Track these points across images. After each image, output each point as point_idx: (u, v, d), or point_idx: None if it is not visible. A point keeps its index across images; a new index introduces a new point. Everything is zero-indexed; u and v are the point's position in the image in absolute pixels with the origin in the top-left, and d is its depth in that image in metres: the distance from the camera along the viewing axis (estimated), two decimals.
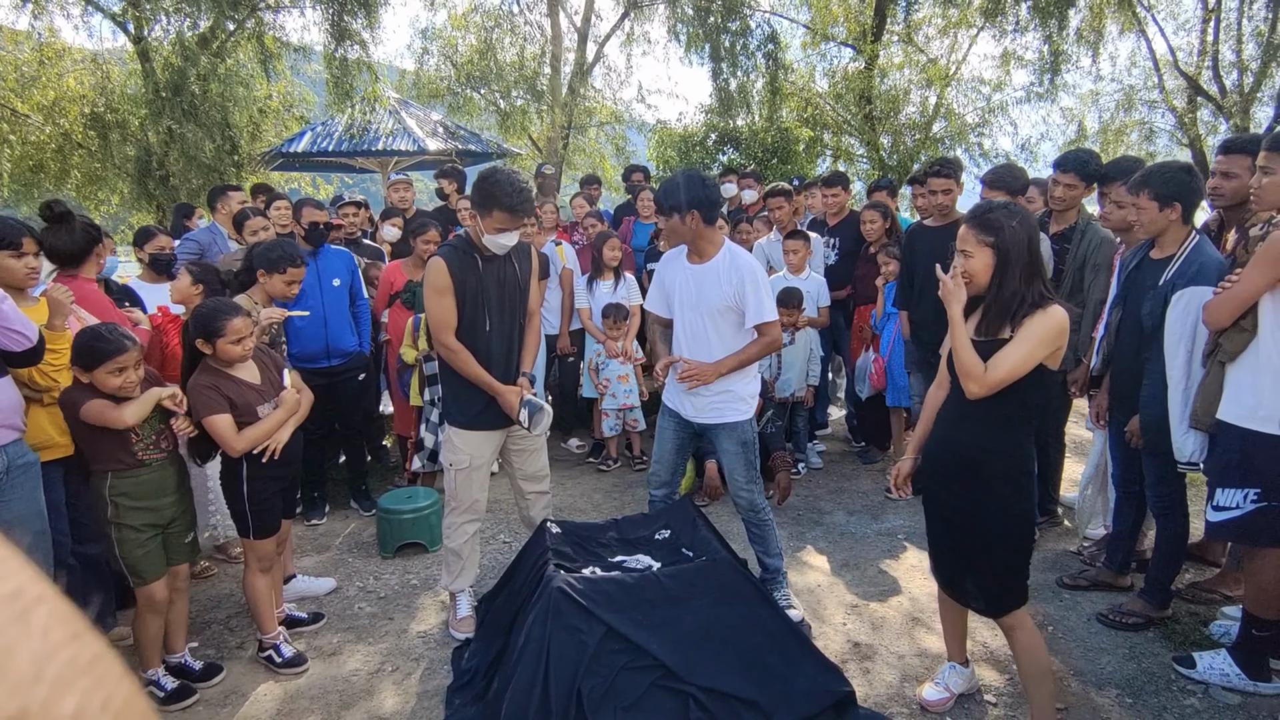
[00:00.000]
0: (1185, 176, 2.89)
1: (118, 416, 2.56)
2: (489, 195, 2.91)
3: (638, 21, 14.86)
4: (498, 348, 3.14)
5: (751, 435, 3.23)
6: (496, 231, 2.96)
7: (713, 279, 3.08)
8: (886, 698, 2.77)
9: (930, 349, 4.33)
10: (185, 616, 3.00)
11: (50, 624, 0.37)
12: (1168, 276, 2.91)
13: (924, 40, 14.76)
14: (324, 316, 4.25)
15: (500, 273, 3.11)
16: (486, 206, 2.93)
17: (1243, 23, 14.18)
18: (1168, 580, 3.17)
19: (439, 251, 3.07)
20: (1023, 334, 2.23)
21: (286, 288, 3.50)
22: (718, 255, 3.10)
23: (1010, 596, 2.40)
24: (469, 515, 3.25)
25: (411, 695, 2.86)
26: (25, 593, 0.38)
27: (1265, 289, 2.48)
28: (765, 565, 3.36)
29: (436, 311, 3.03)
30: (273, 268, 3.46)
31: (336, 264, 4.37)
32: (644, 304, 3.40)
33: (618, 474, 5.20)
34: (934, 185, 4.19)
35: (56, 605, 0.38)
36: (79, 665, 0.37)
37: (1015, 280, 2.26)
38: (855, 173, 14.74)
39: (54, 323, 2.83)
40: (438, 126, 12.86)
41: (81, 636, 0.38)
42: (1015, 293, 2.26)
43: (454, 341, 3.05)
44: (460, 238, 3.17)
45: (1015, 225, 2.26)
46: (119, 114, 12.71)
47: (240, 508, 2.94)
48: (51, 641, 0.36)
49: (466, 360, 3.06)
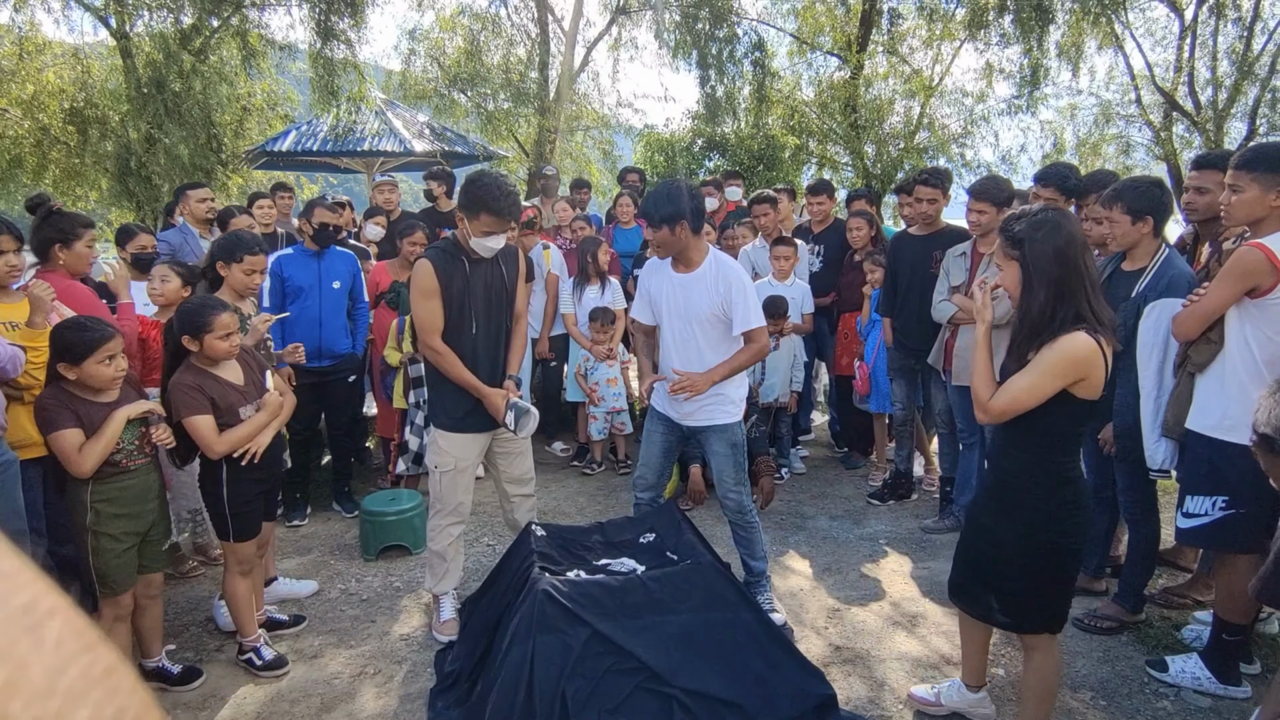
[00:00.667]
0: (1157, 191, 2.97)
1: (79, 463, 2.48)
2: (476, 198, 2.92)
3: (625, 27, 14.92)
4: (484, 350, 3.14)
5: (741, 437, 3.26)
6: (484, 234, 2.97)
7: (700, 288, 3.10)
8: (867, 700, 2.81)
9: (913, 356, 4.38)
10: (160, 623, 2.94)
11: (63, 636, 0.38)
12: (1140, 289, 2.98)
13: (908, 51, 14.93)
14: (319, 317, 4.25)
15: (487, 275, 3.12)
16: (474, 209, 2.93)
17: (1218, 40, 14.49)
18: (1141, 585, 3.24)
19: (426, 254, 3.07)
20: (1033, 362, 2.11)
21: (247, 278, 3.37)
22: (704, 263, 3.12)
23: (1032, 618, 2.32)
24: (454, 518, 3.25)
25: (394, 698, 2.85)
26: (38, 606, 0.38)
27: (1231, 302, 2.55)
28: (750, 568, 3.38)
29: (423, 314, 3.02)
30: (229, 257, 3.34)
31: (339, 266, 4.37)
32: (629, 312, 3.41)
33: (602, 477, 5.21)
34: (920, 194, 4.25)
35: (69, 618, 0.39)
36: (92, 677, 0.38)
37: (1041, 297, 2.08)
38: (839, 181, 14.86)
39: (35, 320, 2.80)
40: (424, 128, 12.81)
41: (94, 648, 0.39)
42: (1043, 311, 2.08)
43: (440, 344, 3.05)
44: (448, 240, 3.16)
45: (1040, 236, 2.09)
46: (99, 109, 12.55)
47: (220, 510, 2.89)
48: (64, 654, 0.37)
49: (453, 363, 3.05)
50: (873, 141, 14.21)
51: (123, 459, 2.62)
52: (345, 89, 12.33)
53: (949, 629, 3.27)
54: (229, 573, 2.96)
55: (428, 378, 3.32)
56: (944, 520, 4.28)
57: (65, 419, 2.49)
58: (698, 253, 3.13)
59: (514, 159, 14.98)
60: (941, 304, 3.99)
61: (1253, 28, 13.93)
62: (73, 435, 2.49)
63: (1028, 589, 2.28)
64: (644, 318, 3.33)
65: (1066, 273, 2.07)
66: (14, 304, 2.91)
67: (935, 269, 4.15)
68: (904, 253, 4.41)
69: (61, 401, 2.51)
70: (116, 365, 2.56)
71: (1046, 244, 2.08)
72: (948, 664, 3.02)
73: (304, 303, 4.21)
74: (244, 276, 3.36)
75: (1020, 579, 2.28)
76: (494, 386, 3.13)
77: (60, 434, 2.47)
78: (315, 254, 4.29)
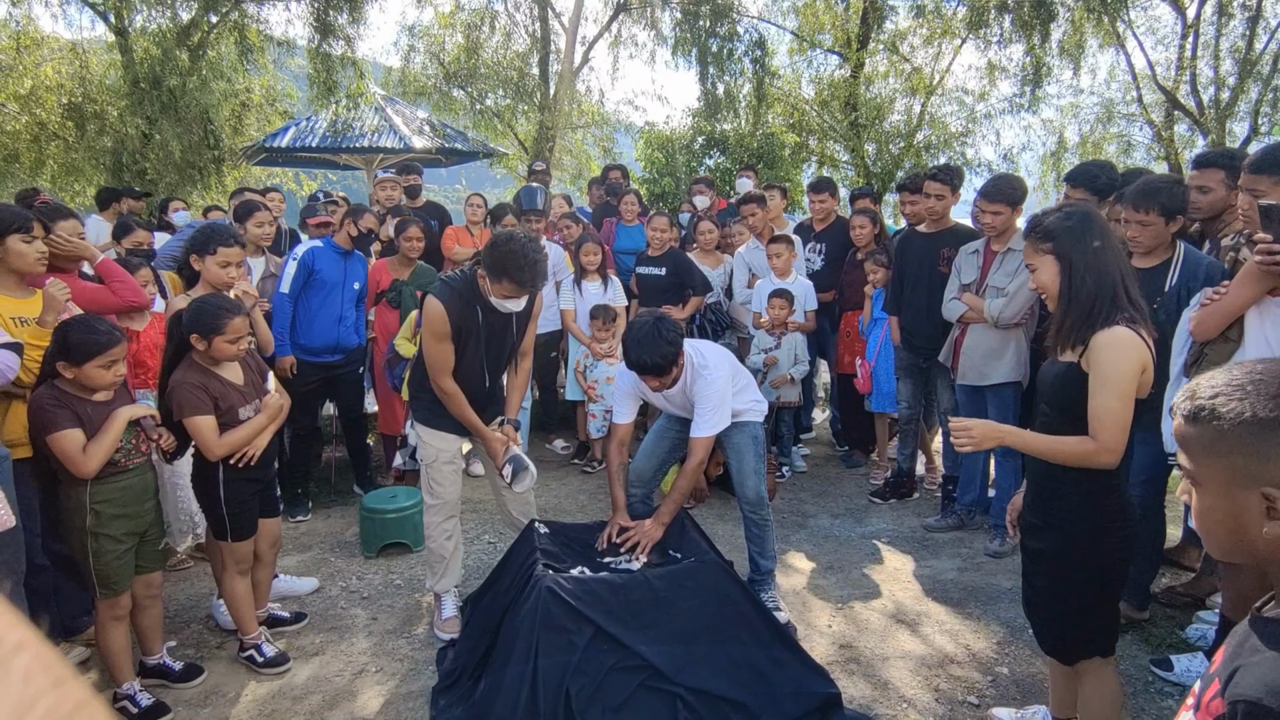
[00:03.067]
0: (1181, 190, 2.95)
1: (83, 463, 2.44)
2: (501, 266, 2.88)
3: (626, 24, 14.87)
4: (484, 389, 3.20)
5: (762, 433, 3.31)
6: (504, 297, 2.96)
7: (681, 397, 3.18)
8: (872, 699, 2.79)
9: (920, 354, 4.37)
10: (160, 621, 2.91)
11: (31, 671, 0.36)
12: (1173, 282, 2.96)
13: (909, 50, 14.89)
14: (340, 314, 4.39)
15: (500, 320, 3.11)
16: (497, 274, 2.90)
17: (1220, 39, 14.46)
18: (1146, 583, 3.23)
19: (439, 294, 3.00)
20: (1095, 379, 1.96)
21: (222, 270, 3.29)
22: (681, 380, 3.11)
23: (1074, 647, 2.17)
24: (446, 512, 3.26)
25: (396, 696, 2.83)
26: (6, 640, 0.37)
27: (1253, 302, 2.55)
28: (757, 566, 3.37)
29: (434, 355, 3.03)
30: (203, 249, 3.27)
31: (359, 268, 4.55)
32: (614, 419, 3.38)
33: (603, 476, 5.18)
34: (929, 189, 4.23)
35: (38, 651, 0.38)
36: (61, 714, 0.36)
37: (1090, 283, 2.00)
38: (840, 179, 14.84)
39: (45, 319, 2.76)
40: (424, 124, 12.78)
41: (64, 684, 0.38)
42: (1091, 296, 2.00)
43: (450, 385, 3.07)
44: (464, 280, 3.07)
45: (1075, 225, 2.04)
46: (97, 105, 12.50)
47: (217, 511, 2.87)
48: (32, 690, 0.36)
49: (461, 405, 3.09)
50: (873, 140, 14.19)
51: (121, 458, 2.58)
52: (344, 85, 12.29)
53: (952, 628, 3.26)
54: (227, 573, 2.94)
55: (411, 379, 3.35)
56: (946, 519, 4.27)
57: (65, 419, 2.44)
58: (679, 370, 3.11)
59: (514, 155, 14.94)
60: (952, 302, 3.98)
61: (1254, 27, 13.92)
62: (75, 435, 2.44)
63: (1069, 611, 2.12)
64: (625, 418, 3.32)
65: (1109, 259, 2.02)
66: (27, 299, 2.86)
67: (943, 267, 4.13)
68: (911, 250, 4.39)
69: (60, 401, 2.46)
70: (116, 370, 2.53)
71: (1084, 232, 2.02)
72: (951, 663, 3.01)
73: (329, 298, 4.35)
74: (219, 270, 3.29)
75: (1062, 600, 2.13)
76: (490, 421, 3.19)
77: (62, 435, 2.43)
78: (344, 254, 4.41)
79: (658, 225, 5.20)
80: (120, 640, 2.68)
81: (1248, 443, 0.94)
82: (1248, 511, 0.96)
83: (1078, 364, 2.02)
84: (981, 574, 3.74)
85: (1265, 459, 0.93)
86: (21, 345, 2.71)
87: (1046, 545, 2.14)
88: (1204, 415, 0.98)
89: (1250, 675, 0.89)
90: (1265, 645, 0.92)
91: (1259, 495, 0.94)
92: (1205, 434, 0.98)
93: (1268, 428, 0.92)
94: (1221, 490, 0.99)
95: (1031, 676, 2.90)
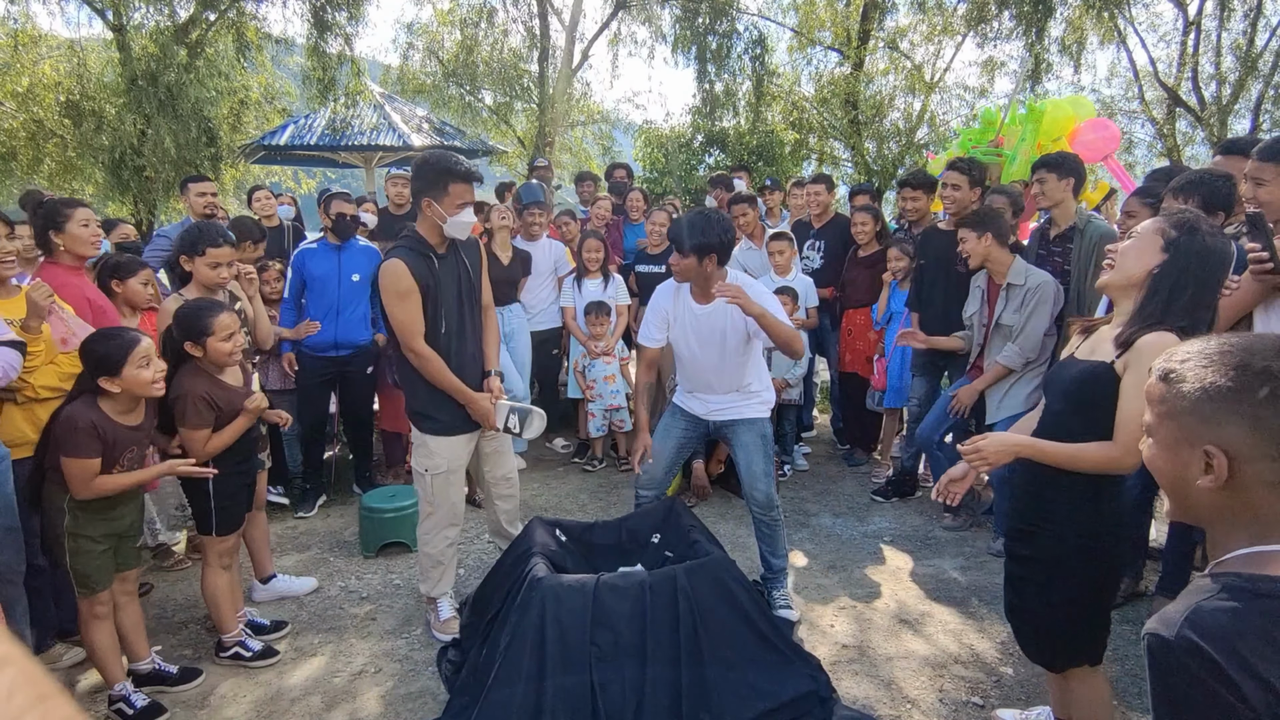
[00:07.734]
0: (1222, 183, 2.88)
1: (83, 490, 2.45)
2: (439, 171, 2.79)
3: (625, 22, 14.84)
4: (459, 348, 3.01)
5: (770, 431, 3.25)
6: (458, 209, 2.82)
7: (725, 316, 3.03)
8: (875, 699, 2.77)
9: (937, 351, 4.31)
10: (141, 621, 2.85)
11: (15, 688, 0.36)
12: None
13: (909, 47, 14.87)
14: (337, 308, 4.32)
15: (455, 270, 2.98)
16: (439, 184, 2.79)
17: (1221, 35, 14.45)
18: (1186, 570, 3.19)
19: (394, 253, 2.87)
20: (1128, 387, 1.84)
21: (212, 271, 3.18)
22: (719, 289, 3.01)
23: (1062, 657, 2.12)
24: (449, 520, 3.15)
25: (395, 696, 2.81)
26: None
27: (1263, 298, 2.55)
28: (769, 564, 3.34)
29: (402, 316, 2.85)
30: (192, 250, 3.17)
31: (361, 259, 4.42)
32: (640, 340, 3.29)
33: (603, 474, 5.17)
34: (948, 179, 4.26)
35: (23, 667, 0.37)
36: None
37: (1189, 293, 1.83)
38: (840, 177, 14.83)
39: (29, 324, 2.69)
40: (423, 122, 12.75)
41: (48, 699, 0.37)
42: (1186, 309, 1.83)
43: (424, 347, 2.89)
44: (410, 237, 2.92)
45: (1206, 230, 1.84)
46: (95, 103, 12.46)
47: (205, 505, 2.86)
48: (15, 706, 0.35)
49: (439, 368, 2.91)
50: (873, 137, 14.17)
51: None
52: (342, 83, 12.26)
53: (955, 628, 3.24)
54: (209, 568, 2.91)
55: (405, 381, 3.12)
56: (959, 517, 4.24)
57: (90, 448, 2.42)
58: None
59: (513, 153, 14.92)
60: (966, 334, 4.06)
61: (1256, 23, 13.89)
62: (91, 465, 2.44)
63: (1059, 621, 2.06)
64: (654, 341, 3.25)
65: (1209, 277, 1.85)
66: (10, 300, 2.81)
67: (959, 266, 4.07)
68: (931, 246, 4.36)
69: (94, 430, 2.43)
70: (155, 368, 2.50)
71: (1206, 244, 1.83)
72: (955, 663, 2.99)
73: (320, 291, 4.31)
74: (209, 270, 3.16)
75: (1052, 609, 2.06)
76: (477, 385, 3.04)
77: (79, 461, 2.42)
78: (336, 247, 4.37)
79: (657, 221, 5.17)
80: (106, 638, 2.64)
81: (1202, 406, 1.01)
82: (1189, 468, 1.03)
83: (1111, 365, 1.88)
84: (985, 573, 3.72)
85: (1213, 423, 1.00)
86: (24, 344, 2.67)
87: (1037, 552, 2.06)
88: (1172, 377, 1.05)
89: (1157, 615, 0.99)
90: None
91: (1201, 453, 1.00)
92: (1168, 393, 1.06)
93: (1221, 394, 0.99)
94: (1171, 446, 1.06)
95: (1036, 677, 2.88)
